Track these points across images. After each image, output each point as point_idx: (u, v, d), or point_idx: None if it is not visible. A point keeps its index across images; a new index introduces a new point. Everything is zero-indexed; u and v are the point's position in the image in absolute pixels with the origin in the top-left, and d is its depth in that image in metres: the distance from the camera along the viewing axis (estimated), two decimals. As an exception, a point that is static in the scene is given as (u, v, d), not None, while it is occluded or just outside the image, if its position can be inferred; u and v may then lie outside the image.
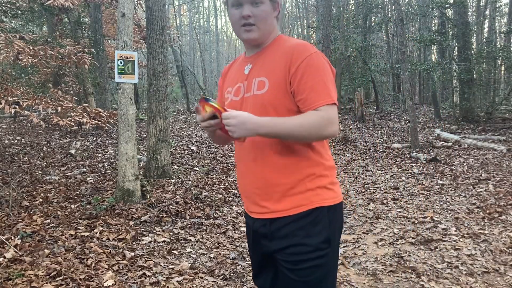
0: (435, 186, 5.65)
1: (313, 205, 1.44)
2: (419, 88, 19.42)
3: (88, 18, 12.01)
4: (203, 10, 37.36)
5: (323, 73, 1.40)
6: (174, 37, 16.44)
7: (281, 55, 1.45)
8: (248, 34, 1.48)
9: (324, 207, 1.45)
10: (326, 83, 1.40)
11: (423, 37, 11.97)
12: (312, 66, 1.39)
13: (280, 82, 1.42)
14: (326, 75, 1.41)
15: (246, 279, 3.04)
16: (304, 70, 1.39)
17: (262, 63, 1.50)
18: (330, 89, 1.39)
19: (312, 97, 1.38)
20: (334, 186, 1.50)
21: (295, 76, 1.40)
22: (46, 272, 2.90)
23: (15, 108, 4.79)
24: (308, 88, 1.38)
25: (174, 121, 13.55)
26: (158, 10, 5.75)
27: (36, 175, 5.96)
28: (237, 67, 1.63)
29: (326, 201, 1.46)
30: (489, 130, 10.39)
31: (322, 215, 1.45)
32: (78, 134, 10.12)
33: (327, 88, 1.39)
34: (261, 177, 1.48)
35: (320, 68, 1.40)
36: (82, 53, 6.15)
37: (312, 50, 1.42)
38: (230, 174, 6.47)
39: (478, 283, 2.92)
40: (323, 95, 1.38)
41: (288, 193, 1.45)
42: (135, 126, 4.67)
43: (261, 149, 1.47)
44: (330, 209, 1.47)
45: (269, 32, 1.52)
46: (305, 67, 1.39)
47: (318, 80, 1.39)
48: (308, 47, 1.43)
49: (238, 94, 1.55)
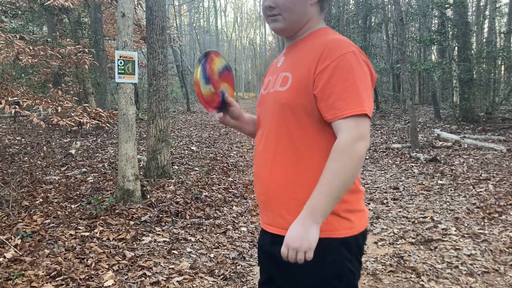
0: (435, 186, 5.65)
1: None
2: (419, 88, 19.43)
3: (88, 18, 12.01)
4: (203, 10, 37.36)
5: (357, 77, 1.16)
6: (174, 37, 16.44)
7: (312, 50, 1.25)
8: (273, 24, 1.33)
9: (334, 239, 1.21)
10: (359, 89, 1.16)
11: (423, 37, 11.97)
12: (343, 68, 1.17)
13: (304, 80, 1.23)
14: (362, 80, 1.17)
15: (246, 279, 3.04)
16: (333, 71, 1.17)
17: (292, 56, 1.34)
18: (362, 97, 1.15)
19: (339, 105, 1.16)
20: (350, 214, 1.24)
21: (320, 77, 1.19)
22: (46, 272, 2.91)
23: (15, 108, 4.79)
24: (335, 94, 1.16)
25: (174, 121, 13.55)
26: (158, 10, 5.76)
27: (36, 175, 5.96)
28: (276, 60, 1.47)
29: (336, 233, 1.22)
30: (489, 130, 10.39)
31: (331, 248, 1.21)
32: (78, 134, 10.12)
33: (359, 95, 1.15)
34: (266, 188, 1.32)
35: (354, 71, 1.17)
36: (82, 53, 6.15)
37: (349, 49, 1.19)
38: (230, 174, 6.47)
39: (478, 283, 2.92)
40: (353, 103, 1.14)
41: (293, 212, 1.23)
42: (135, 126, 4.67)
43: (272, 152, 1.30)
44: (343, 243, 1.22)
45: (300, 22, 1.32)
46: (334, 68, 1.17)
47: (349, 84, 1.16)
48: (344, 45, 1.21)
49: (266, 88, 1.40)
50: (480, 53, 12.01)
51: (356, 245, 1.26)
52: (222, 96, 1.43)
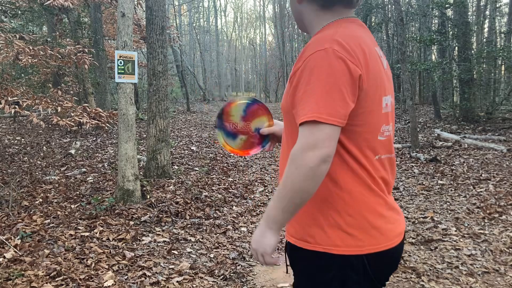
0: (435, 186, 5.64)
1: (315, 247, 1.13)
2: (419, 88, 19.41)
3: (88, 18, 12.01)
4: (203, 10, 37.36)
5: (317, 78, 1.04)
6: (174, 37, 16.44)
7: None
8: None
9: (335, 255, 1.11)
10: (316, 92, 1.03)
11: (423, 37, 11.96)
12: (307, 69, 1.06)
13: (289, 85, 1.17)
14: (324, 80, 1.03)
15: (246, 279, 3.03)
16: (300, 74, 1.08)
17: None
18: (317, 101, 1.02)
19: (298, 111, 1.07)
20: (356, 230, 1.11)
21: (292, 80, 1.12)
22: (46, 272, 2.90)
23: (15, 108, 4.79)
24: (298, 99, 1.08)
25: (174, 121, 13.54)
26: (158, 10, 5.75)
27: (36, 175, 5.96)
28: None
29: (337, 249, 1.11)
30: (489, 130, 10.38)
31: (331, 264, 1.12)
32: (78, 134, 10.12)
33: (313, 100, 1.03)
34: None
35: (316, 71, 1.04)
36: (82, 53, 6.15)
37: (320, 47, 1.07)
38: (230, 174, 6.47)
39: (478, 283, 2.92)
40: (307, 109, 1.04)
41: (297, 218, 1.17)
42: (135, 126, 4.66)
43: (281, 158, 1.25)
44: (345, 261, 1.11)
45: (299, 22, 1.29)
46: (301, 71, 1.08)
47: (309, 88, 1.05)
48: (321, 41, 1.08)
49: None
50: (480, 53, 12.00)
51: (363, 267, 1.12)
52: (258, 133, 1.43)
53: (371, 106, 1.13)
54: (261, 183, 5.94)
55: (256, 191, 5.49)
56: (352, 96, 1.06)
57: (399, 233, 1.21)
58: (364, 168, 1.13)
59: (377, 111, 1.15)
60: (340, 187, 1.12)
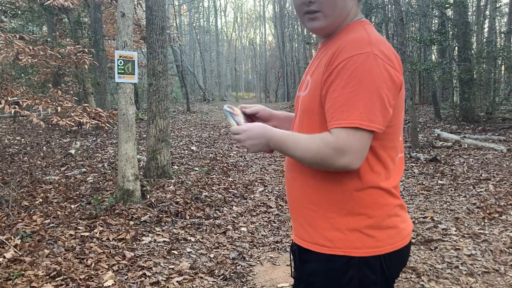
0: (435, 186, 5.64)
1: (334, 251, 1.12)
2: (419, 88, 19.40)
3: (88, 18, 12.01)
4: (203, 10, 37.37)
5: (361, 83, 1.02)
6: (174, 37, 16.45)
7: (333, 49, 1.11)
8: (312, 23, 1.17)
9: (354, 258, 1.11)
10: (358, 98, 1.01)
11: (423, 37, 11.96)
12: (348, 71, 1.03)
13: (318, 83, 1.12)
14: (367, 87, 1.01)
15: (246, 279, 3.03)
16: (337, 74, 1.05)
17: (319, 56, 1.21)
18: (358, 107, 1.01)
19: (331, 114, 1.06)
20: (376, 231, 1.11)
21: (327, 80, 1.08)
22: (46, 272, 2.90)
23: (15, 108, 4.79)
24: (332, 100, 1.05)
25: (174, 121, 13.54)
26: (158, 10, 5.75)
27: (36, 175, 5.96)
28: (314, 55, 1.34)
29: (357, 251, 1.10)
30: (489, 130, 10.38)
31: (350, 266, 1.11)
32: (78, 134, 10.12)
33: (355, 105, 1.02)
34: (289, 193, 1.26)
35: (358, 76, 1.02)
36: (82, 53, 6.16)
37: (363, 50, 1.04)
38: (230, 174, 6.47)
39: (478, 283, 2.92)
40: (344, 114, 1.02)
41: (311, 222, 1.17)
42: (135, 126, 4.67)
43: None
44: (364, 262, 1.11)
45: (341, 18, 1.16)
46: (339, 71, 1.04)
47: (348, 91, 1.02)
48: (359, 45, 1.06)
49: (299, 90, 1.28)
50: (480, 53, 11.99)
51: (381, 266, 1.12)
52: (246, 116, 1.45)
53: (401, 107, 1.14)
54: (261, 183, 5.94)
55: (256, 191, 5.49)
56: (393, 101, 1.07)
57: (410, 231, 1.23)
58: (388, 170, 1.14)
59: (403, 112, 1.18)
60: (364, 191, 1.11)
